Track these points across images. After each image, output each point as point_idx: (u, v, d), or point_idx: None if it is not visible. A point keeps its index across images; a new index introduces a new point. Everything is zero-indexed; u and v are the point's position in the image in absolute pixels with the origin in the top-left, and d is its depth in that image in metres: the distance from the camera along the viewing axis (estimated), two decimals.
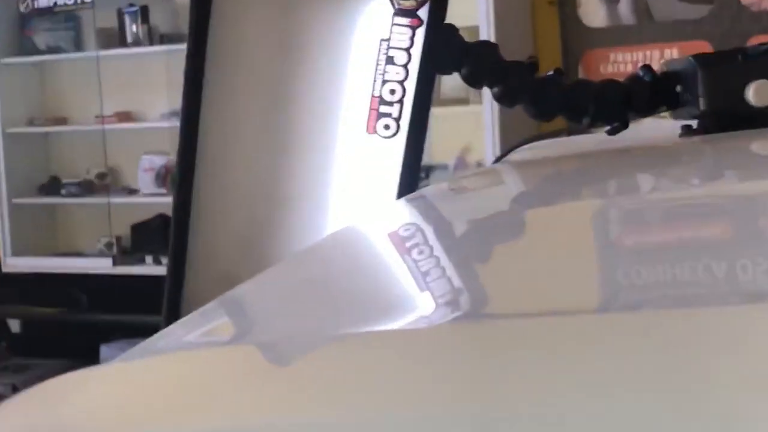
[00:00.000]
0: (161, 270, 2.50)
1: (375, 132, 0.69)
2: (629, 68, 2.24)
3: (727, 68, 0.74)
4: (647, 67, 0.77)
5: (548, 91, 0.75)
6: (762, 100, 0.70)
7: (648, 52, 2.32)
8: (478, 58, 0.72)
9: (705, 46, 2.17)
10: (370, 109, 0.69)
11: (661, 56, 2.27)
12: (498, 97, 0.74)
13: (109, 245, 2.81)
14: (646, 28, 2.37)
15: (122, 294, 2.72)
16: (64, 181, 2.89)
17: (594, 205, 0.56)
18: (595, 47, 2.38)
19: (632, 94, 0.76)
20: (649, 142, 0.82)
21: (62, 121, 2.92)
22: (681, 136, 0.76)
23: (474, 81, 0.75)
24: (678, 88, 0.75)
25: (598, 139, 0.82)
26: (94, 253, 2.84)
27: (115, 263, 2.76)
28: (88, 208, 2.92)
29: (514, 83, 0.73)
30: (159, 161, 2.77)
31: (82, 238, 2.94)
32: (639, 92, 0.76)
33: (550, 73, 0.75)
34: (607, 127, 0.76)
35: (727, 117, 0.72)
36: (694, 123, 0.75)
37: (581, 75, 2.34)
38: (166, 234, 2.61)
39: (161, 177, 2.76)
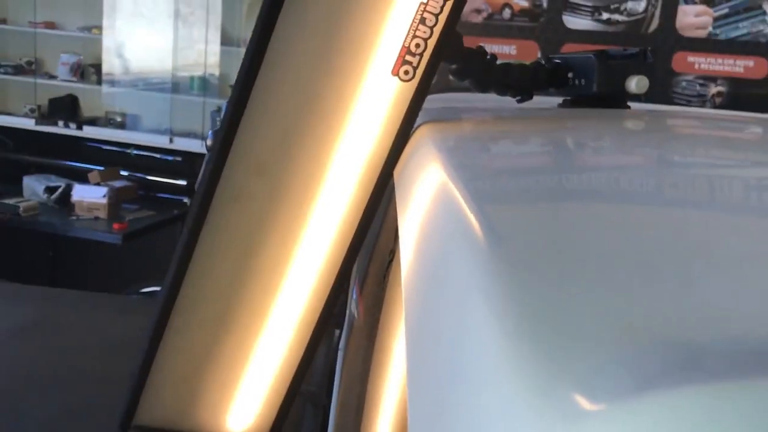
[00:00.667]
0: (69, 131, 3.87)
1: (397, 75, 0.81)
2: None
3: (613, 63, 0.97)
4: (548, 58, 1.04)
5: (486, 73, 0.95)
6: (640, 89, 0.96)
7: (493, 46, 3.30)
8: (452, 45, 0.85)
9: (534, 46, 3.32)
10: (399, 56, 0.80)
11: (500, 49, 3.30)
12: (453, 72, 0.92)
13: (32, 110, 4.12)
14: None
15: (39, 144, 4.05)
16: (2, 63, 4.17)
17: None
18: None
19: (536, 76, 1.01)
20: (541, 108, 1.05)
21: (3, 21, 4.17)
22: (559, 105, 1.04)
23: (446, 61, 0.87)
24: (569, 74, 1.00)
25: (491, 98, 1.04)
26: (21, 115, 4.14)
27: (36, 123, 4.08)
28: (18, 84, 4.20)
29: (468, 64, 0.92)
30: (73, 59, 4.09)
31: (13, 104, 4.23)
32: (541, 75, 1.01)
33: (488, 57, 0.95)
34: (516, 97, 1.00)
35: (599, 97, 0.98)
36: (568, 98, 1.02)
37: None
38: (73, 107, 3.98)
39: (73, 70, 4.09)
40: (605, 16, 3.51)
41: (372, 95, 0.83)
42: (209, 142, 0.99)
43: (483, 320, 0.28)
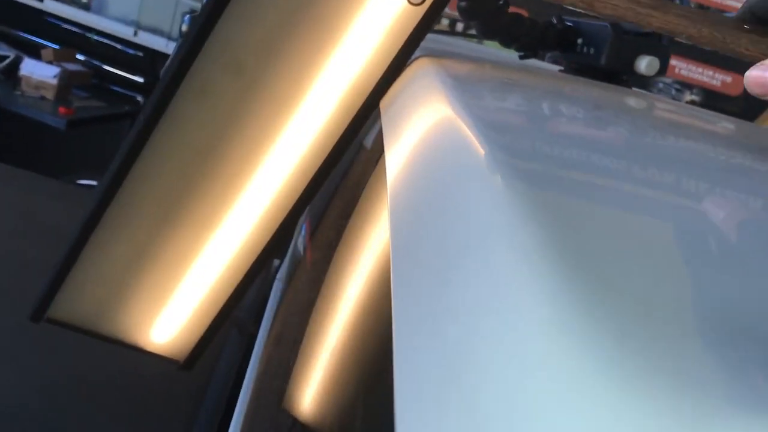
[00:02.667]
0: (29, 1, 3.64)
1: None
2: None
3: (628, 38, 0.92)
4: (559, 18, 0.97)
5: (496, 18, 0.89)
6: (650, 71, 0.91)
7: None
8: None
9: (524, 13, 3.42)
10: None
11: None
12: (462, 10, 0.85)
13: None
14: None
15: None
16: None
17: None
18: None
19: (545, 34, 0.95)
20: (545, 71, 1.02)
21: None
22: (560, 71, 1.01)
23: None
24: (579, 40, 0.95)
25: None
26: None
27: None
28: None
29: (479, 4, 0.85)
30: None
31: None
32: (550, 34, 0.95)
33: (501, 2, 0.88)
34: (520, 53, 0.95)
35: (606, 71, 0.93)
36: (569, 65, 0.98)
37: None
38: None
39: None
40: None
41: (375, 13, 0.75)
42: (185, 27, 0.89)
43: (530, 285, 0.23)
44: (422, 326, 0.28)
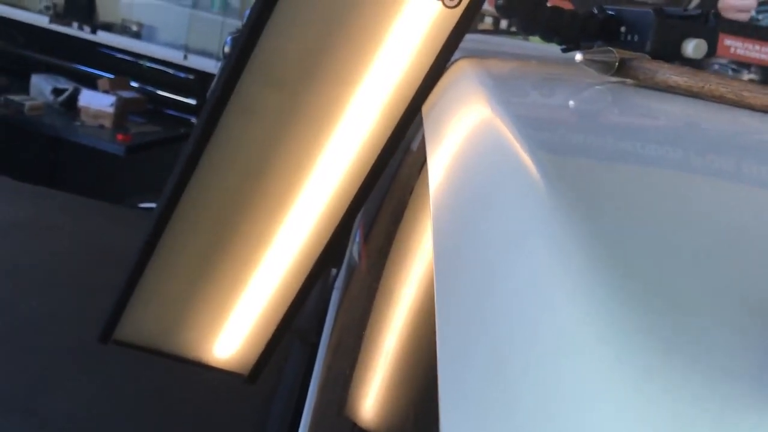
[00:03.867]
0: (83, 34, 3.77)
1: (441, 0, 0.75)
2: None
3: (672, 23, 0.90)
4: (601, 8, 0.94)
5: (534, 12, 0.87)
6: (697, 53, 0.90)
7: None
8: None
9: (568, 5, 3.40)
10: None
11: None
12: (500, 8, 0.83)
13: (47, 7, 4.00)
14: None
15: (51, 43, 3.95)
16: None
17: None
18: None
19: (587, 25, 0.93)
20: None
21: None
22: None
23: None
24: (622, 28, 0.93)
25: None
26: (35, 11, 4.02)
27: (50, 21, 3.97)
28: None
29: (512, 2, 0.83)
30: None
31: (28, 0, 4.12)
32: (592, 25, 0.93)
33: None
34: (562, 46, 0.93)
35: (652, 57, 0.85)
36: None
37: None
38: (89, 9, 3.86)
39: None
40: None
41: (411, 19, 0.76)
42: (227, 48, 0.90)
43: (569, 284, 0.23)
44: (465, 330, 0.28)
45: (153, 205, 3.22)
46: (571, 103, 0.64)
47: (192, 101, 3.84)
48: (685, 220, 0.30)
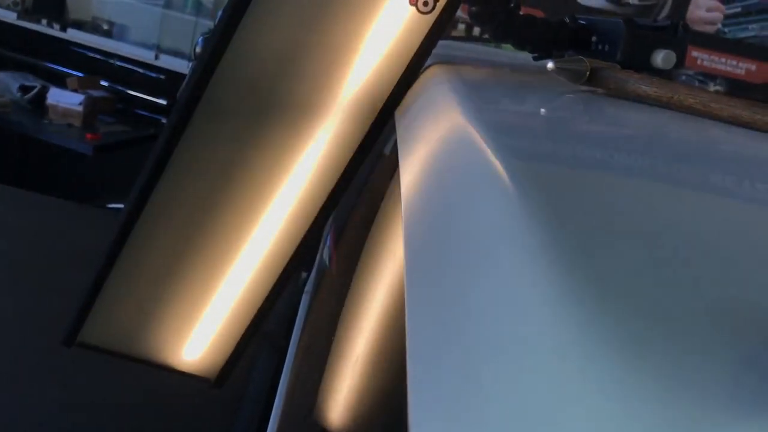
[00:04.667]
0: (52, 31, 3.72)
1: (415, 5, 0.74)
2: None
3: (643, 33, 0.90)
4: (572, 17, 0.95)
5: (507, 21, 0.88)
6: (666, 64, 0.89)
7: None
8: None
9: (539, 14, 3.36)
10: None
11: None
12: (473, 15, 0.86)
13: (15, 3, 3.94)
14: None
15: (19, 40, 3.88)
16: None
17: None
18: None
19: (559, 35, 0.93)
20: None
21: None
22: None
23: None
24: (593, 38, 0.93)
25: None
26: (3, 6, 3.96)
27: (18, 17, 3.90)
28: None
29: (490, 8, 0.85)
30: None
31: None
32: (563, 34, 0.93)
33: (512, 5, 0.88)
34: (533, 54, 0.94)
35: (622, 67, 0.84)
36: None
37: None
38: (59, 6, 3.81)
39: None
40: None
41: (385, 23, 0.76)
42: (198, 49, 0.89)
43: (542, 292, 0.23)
44: (435, 335, 0.28)
45: (121, 205, 3.17)
46: (542, 111, 0.65)
47: (163, 101, 3.79)
48: (652, 229, 0.30)
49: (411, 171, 0.50)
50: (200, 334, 0.93)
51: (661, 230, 0.30)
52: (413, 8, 0.75)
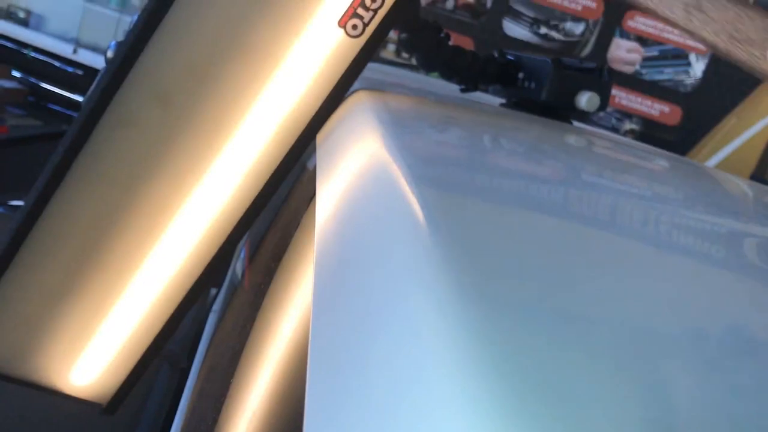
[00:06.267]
0: None
1: (344, 27, 0.71)
2: None
3: (569, 74, 0.91)
4: (501, 52, 0.96)
5: (436, 51, 0.88)
6: (590, 107, 0.90)
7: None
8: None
9: (470, 42, 3.17)
10: (351, 6, 0.71)
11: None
12: (403, 42, 0.85)
13: None
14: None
15: None
16: None
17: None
18: None
19: (487, 68, 0.94)
20: (484, 106, 0.98)
21: None
22: (502, 105, 0.99)
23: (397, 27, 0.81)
24: (520, 74, 0.93)
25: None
26: None
27: None
28: None
29: (420, 37, 0.85)
30: None
31: None
32: (491, 68, 0.94)
33: (442, 36, 0.87)
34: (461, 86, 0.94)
35: (545, 106, 0.91)
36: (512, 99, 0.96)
37: None
38: None
39: None
40: (543, 30, 3.50)
41: (310, 44, 0.73)
42: (110, 53, 0.84)
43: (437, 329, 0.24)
44: (336, 368, 0.28)
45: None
46: (465, 142, 0.64)
47: (79, 98, 3.65)
48: (562, 272, 0.30)
49: (327, 199, 0.49)
50: (93, 355, 0.87)
51: (568, 276, 0.31)
52: (342, 31, 0.73)
